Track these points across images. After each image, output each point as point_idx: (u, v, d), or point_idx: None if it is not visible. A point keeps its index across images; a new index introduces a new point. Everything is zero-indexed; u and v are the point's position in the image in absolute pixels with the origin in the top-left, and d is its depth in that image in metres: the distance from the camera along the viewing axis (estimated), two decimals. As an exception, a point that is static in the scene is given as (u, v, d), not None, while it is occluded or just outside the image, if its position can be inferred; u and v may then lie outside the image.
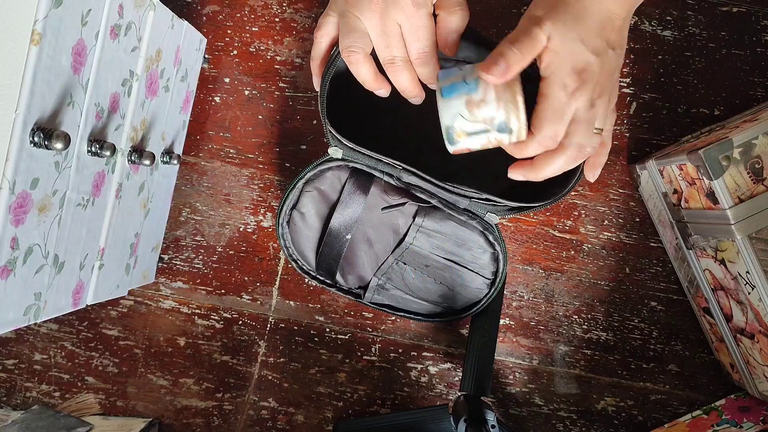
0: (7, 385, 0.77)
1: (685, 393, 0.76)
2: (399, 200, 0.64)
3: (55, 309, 0.51)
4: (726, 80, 0.76)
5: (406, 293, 0.68)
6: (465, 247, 0.65)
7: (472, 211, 0.64)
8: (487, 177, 0.70)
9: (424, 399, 0.77)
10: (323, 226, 0.66)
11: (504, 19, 0.76)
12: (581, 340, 0.76)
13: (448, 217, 0.64)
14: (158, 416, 0.77)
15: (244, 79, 0.77)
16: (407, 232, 0.65)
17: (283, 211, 0.66)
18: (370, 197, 0.64)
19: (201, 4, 0.77)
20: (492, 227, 0.64)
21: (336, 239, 0.65)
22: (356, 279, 0.68)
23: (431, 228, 0.64)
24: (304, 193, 0.65)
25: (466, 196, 0.62)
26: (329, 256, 0.66)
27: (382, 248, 0.66)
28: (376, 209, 0.64)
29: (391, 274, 0.67)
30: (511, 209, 0.63)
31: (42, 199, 0.45)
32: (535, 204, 0.61)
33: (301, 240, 0.67)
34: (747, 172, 0.58)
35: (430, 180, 0.61)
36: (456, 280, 0.67)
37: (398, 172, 0.62)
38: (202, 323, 0.77)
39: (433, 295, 0.68)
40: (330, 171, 0.65)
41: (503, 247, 0.65)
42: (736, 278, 0.62)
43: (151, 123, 0.63)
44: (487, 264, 0.66)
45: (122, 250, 0.63)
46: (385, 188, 0.64)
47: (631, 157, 0.76)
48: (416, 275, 0.67)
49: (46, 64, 0.42)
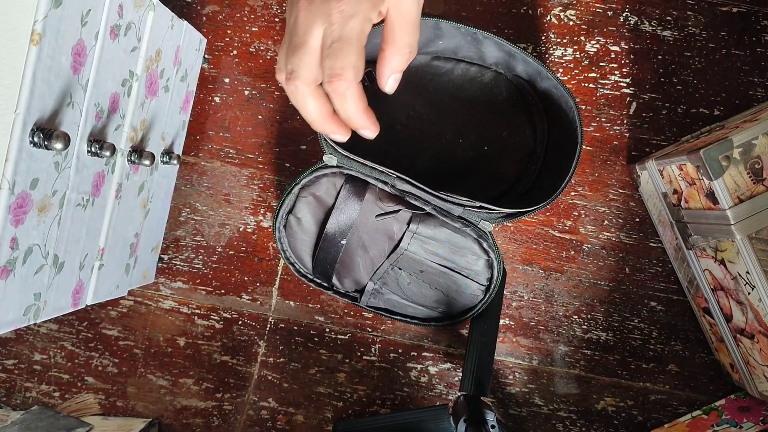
0: (6, 385, 0.77)
1: (685, 393, 0.76)
2: (393, 207, 0.64)
3: (55, 309, 0.51)
4: (726, 80, 0.76)
5: (401, 298, 0.68)
6: (459, 254, 0.65)
7: (466, 218, 0.64)
8: (480, 185, 0.70)
9: (424, 399, 0.77)
10: (319, 231, 0.66)
11: (504, 19, 0.76)
12: (581, 340, 0.76)
13: (443, 224, 0.64)
14: (158, 416, 0.77)
15: (244, 79, 0.77)
16: (402, 238, 0.65)
17: (279, 215, 0.66)
18: (365, 203, 0.64)
19: (201, 4, 0.77)
20: (486, 234, 0.65)
21: (331, 244, 0.66)
22: (353, 283, 0.68)
23: (426, 235, 0.64)
24: (300, 199, 0.66)
25: (459, 204, 0.62)
26: (325, 260, 0.67)
27: (377, 253, 0.66)
28: (371, 215, 0.65)
29: (387, 278, 0.67)
30: (505, 216, 0.63)
31: (42, 200, 0.45)
32: (528, 209, 0.61)
33: (297, 244, 0.67)
34: (747, 172, 0.58)
35: (424, 188, 0.61)
36: (451, 285, 0.67)
37: (392, 180, 0.62)
38: (202, 323, 0.77)
39: (428, 300, 0.68)
40: (325, 177, 0.65)
41: (498, 254, 0.65)
42: (735, 278, 0.62)
43: (151, 123, 0.63)
44: (482, 271, 0.66)
45: (122, 250, 0.63)
46: (379, 195, 0.65)
47: (631, 157, 0.76)
48: (411, 280, 0.67)
49: (45, 64, 0.42)
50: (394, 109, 0.56)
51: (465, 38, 0.64)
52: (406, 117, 0.70)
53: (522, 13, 0.76)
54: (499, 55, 0.65)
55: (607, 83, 0.76)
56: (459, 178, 0.70)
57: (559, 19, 0.76)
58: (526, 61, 0.63)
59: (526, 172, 0.70)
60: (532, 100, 0.68)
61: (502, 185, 0.70)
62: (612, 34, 0.76)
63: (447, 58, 0.69)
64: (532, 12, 0.76)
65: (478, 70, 0.69)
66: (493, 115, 0.70)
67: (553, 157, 0.68)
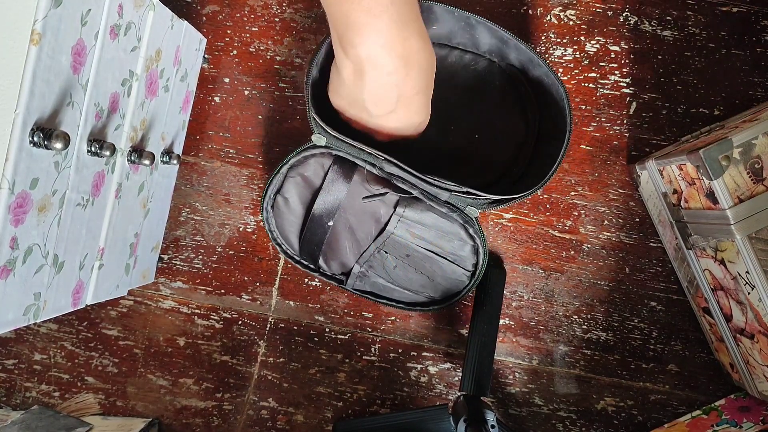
0: (6, 385, 0.77)
1: (685, 393, 0.76)
2: (380, 190, 0.65)
3: (55, 309, 0.51)
4: (726, 80, 0.76)
5: (387, 281, 0.68)
6: (445, 239, 0.66)
7: (453, 203, 0.64)
8: (471, 172, 0.70)
9: (424, 399, 0.77)
10: (306, 212, 0.67)
11: (504, 19, 0.76)
12: (581, 340, 0.76)
13: (429, 208, 0.65)
14: (158, 416, 0.77)
15: (244, 79, 0.77)
16: (388, 222, 0.65)
17: (267, 195, 0.66)
18: (353, 185, 0.65)
19: (201, 4, 0.77)
20: (472, 220, 0.65)
21: (318, 225, 0.66)
22: (339, 265, 0.69)
23: (412, 218, 0.65)
24: (287, 179, 0.66)
25: (446, 188, 0.62)
26: (312, 242, 0.67)
27: (364, 236, 0.67)
28: (358, 197, 0.65)
29: (373, 262, 0.67)
30: (491, 202, 0.63)
31: (41, 199, 0.45)
32: (515, 196, 0.61)
33: (284, 224, 0.68)
34: (747, 172, 0.58)
35: (411, 171, 0.61)
36: (436, 270, 0.67)
37: (380, 162, 0.62)
38: (202, 323, 0.77)
39: (414, 284, 0.68)
40: (313, 158, 0.65)
41: (483, 239, 0.65)
42: (735, 278, 0.62)
43: (151, 123, 0.63)
44: (468, 256, 0.67)
45: (122, 250, 0.63)
46: (367, 177, 0.65)
47: (631, 157, 0.76)
48: (397, 264, 0.67)
49: (45, 63, 0.42)
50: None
51: (458, 23, 0.65)
52: None
53: (522, 13, 0.76)
54: (492, 42, 0.66)
55: (607, 83, 0.76)
56: (450, 164, 0.70)
57: (559, 19, 0.76)
58: (518, 47, 0.64)
59: (517, 160, 0.70)
60: (524, 90, 0.69)
61: (493, 173, 0.70)
62: (612, 34, 0.76)
63: (441, 44, 0.69)
64: (532, 12, 0.76)
65: (472, 58, 0.69)
66: (486, 104, 0.70)
67: (543, 146, 0.68)
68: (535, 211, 0.76)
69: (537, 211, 0.76)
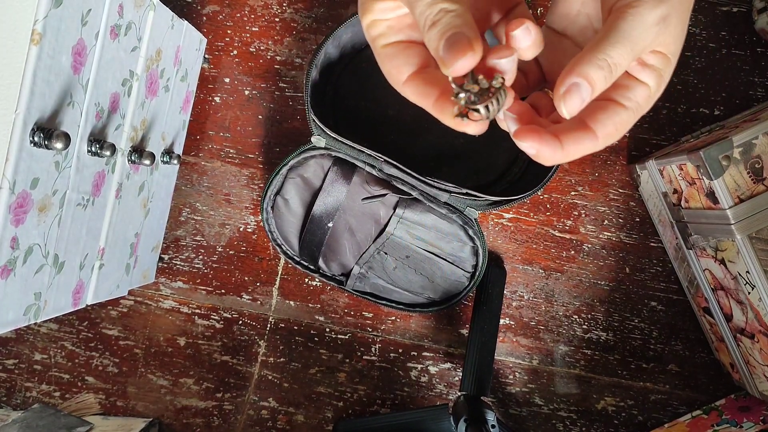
0: (7, 384, 0.77)
1: (685, 393, 0.76)
2: (380, 191, 0.65)
3: (55, 309, 0.51)
4: (726, 80, 0.76)
5: (387, 282, 0.69)
6: (445, 240, 0.66)
7: (452, 204, 0.64)
8: (471, 173, 0.70)
9: (424, 399, 0.77)
10: (306, 213, 0.67)
11: (504, 19, 0.76)
12: (581, 340, 0.76)
13: (429, 209, 0.65)
14: (158, 416, 0.77)
15: (244, 79, 0.77)
16: (388, 223, 0.65)
17: (267, 195, 0.66)
18: (352, 186, 0.65)
19: (201, 4, 0.77)
20: (472, 221, 0.65)
21: (318, 226, 0.66)
22: (339, 266, 0.69)
23: (412, 219, 0.65)
24: (287, 180, 0.66)
25: (446, 190, 0.62)
26: (311, 243, 0.67)
27: (364, 237, 0.67)
28: (358, 199, 0.65)
29: (373, 263, 0.68)
30: (491, 203, 0.63)
31: (42, 199, 0.45)
32: (514, 197, 0.61)
33: (284, 225, 0.68)
34: (747, 172, 0.58)
35: (410, 173, 0.61)
36: (436, 271, 0.67)
37: (380, 164, 0.62)
38: (202, 323, 0.77)
39: (413, 285, 0.68)
40: (313, 159, 0.65)
41: (483, 241, 0.65)
42: (736, 278, 0.62)
43: (151, 123, 0.63)
44: (468, 257, 0.67)
45: (122, 250, 0.63)
46: (367, 179, 0.65)
47: (631, 157, 0.76)
48: (397, 265, 0.67)
49: (46, 63, 0.42)
50: (386, 94, 0.56)
51: None
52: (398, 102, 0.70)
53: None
54: (493, 42, 0.66)
55: (607, 83, 0.76)
56: (450, 165, 0.70)
57: (559, 19, 0.76)
58: None
59: (516, 162, 0.70)
60: None
61: (492, 174, 0.71)
62: (612, 33, 0.76)
63: None
64: (532, 12, 0.76)
65: None
66: None
67: None
68: (535, 211, 0.76)
69: (537, 211, 0.76)
